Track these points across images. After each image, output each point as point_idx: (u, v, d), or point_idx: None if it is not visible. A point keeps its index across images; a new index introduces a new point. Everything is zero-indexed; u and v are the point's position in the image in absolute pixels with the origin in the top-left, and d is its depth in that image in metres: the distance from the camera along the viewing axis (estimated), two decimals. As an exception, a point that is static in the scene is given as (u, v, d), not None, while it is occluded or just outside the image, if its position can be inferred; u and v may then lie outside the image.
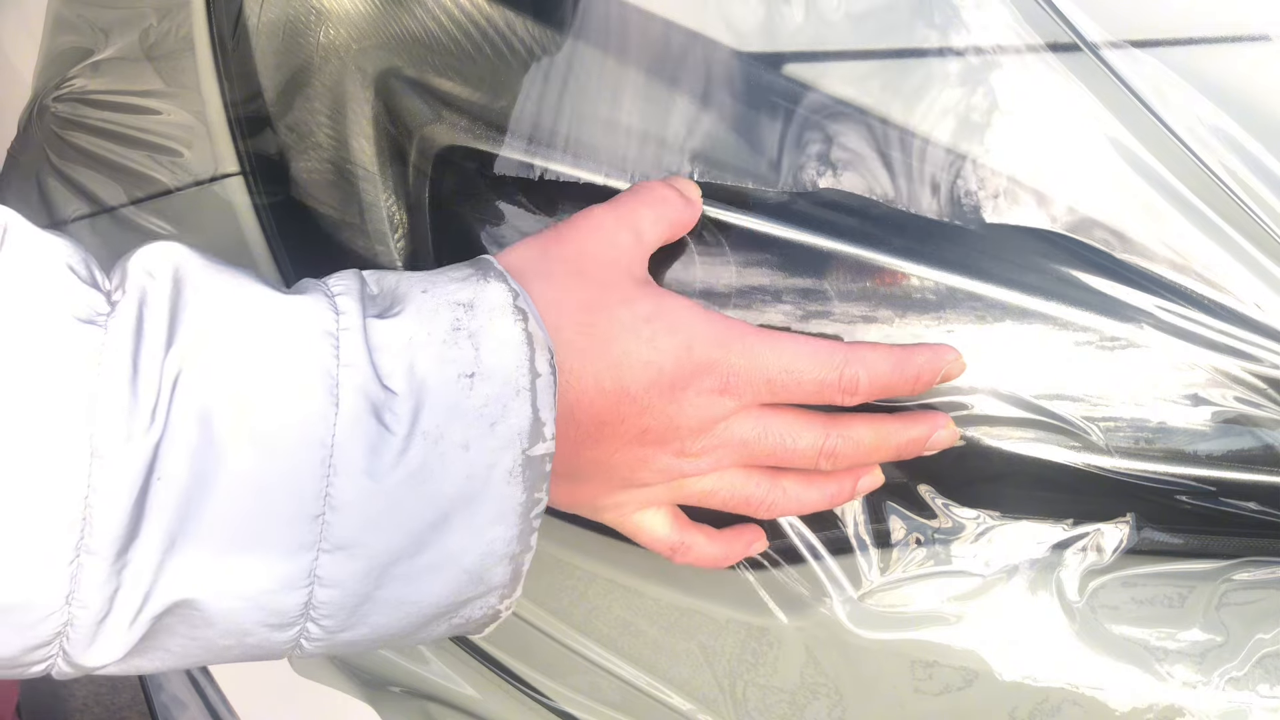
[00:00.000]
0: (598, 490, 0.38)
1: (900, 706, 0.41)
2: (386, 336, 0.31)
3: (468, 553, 0.32)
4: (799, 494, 0.39)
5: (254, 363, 0.29)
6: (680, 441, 0.37)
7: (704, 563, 0.41)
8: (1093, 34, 0.36)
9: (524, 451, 0.32)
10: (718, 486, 0.39)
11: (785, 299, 0.39)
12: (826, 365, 0.36)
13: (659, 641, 0.44)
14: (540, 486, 0.33)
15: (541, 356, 0.32)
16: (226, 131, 0.50)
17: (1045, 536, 0.39)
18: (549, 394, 0.32)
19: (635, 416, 0.36)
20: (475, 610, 0.34)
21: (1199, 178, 0.36)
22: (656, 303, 0.36)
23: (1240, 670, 0.38)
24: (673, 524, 0.40)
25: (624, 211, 0.38)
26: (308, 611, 0.30)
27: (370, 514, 0.30)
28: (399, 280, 0.34)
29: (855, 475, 0.39)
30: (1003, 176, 0.37)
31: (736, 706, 0.43)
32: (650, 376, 0.35)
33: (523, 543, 0.33)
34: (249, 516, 0.29)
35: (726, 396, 0.36)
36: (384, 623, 0.32)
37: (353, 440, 0.30)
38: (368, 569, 0.31)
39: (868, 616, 0.41)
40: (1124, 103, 0.36)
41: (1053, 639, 0.39)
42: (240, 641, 0.31)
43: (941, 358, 0.37)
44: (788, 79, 0.39)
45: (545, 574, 0.45)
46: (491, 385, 0.32)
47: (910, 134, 0.38)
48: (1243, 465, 0.37)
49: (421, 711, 0.49)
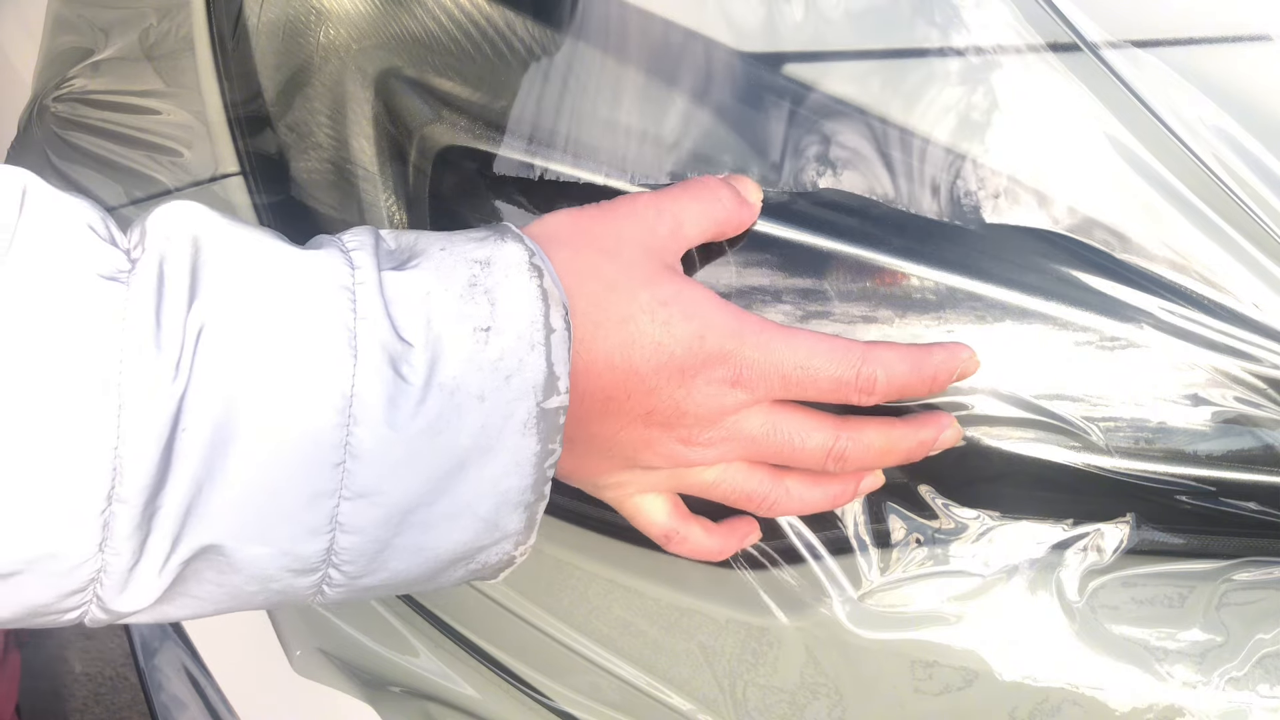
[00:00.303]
0: (601, 466, 0.39)
1: (900, 706, 0.41)
2: (403, 288, 0.32)
3: (484, 501, 0.33)
4: (802, 494, 0.39)
5: (274, 317, 0.30)
6: (686, 429, 0.37)
7: (698, 554, 0.41)
8: (1093, 34, 0.36)
9: (539, 404, 0.33)
10: (720, 479, 0.39)
11: (785, 299, 0.39)
12: (843, 363, 0.36)
13: (659, 641, 0.44)
14: (554, 438, 0.33)
15: (556, 312, 0.33)
16: (226, 131, 0.50)
17: (1045, 536, 0.39)
18: (564, 349, 0.33)
19: (642, 396, 0.36)
20: (491, 556, 0.35)
21: (1199, 178, 0.36)
22: (677, 289, 0.36)
23: (1240, 670, 0.38)
24: (671, 511, 0.40)
25: (667, 202, 0.38)
26: (329, 557, 0.31)
27: (390, 462, 0.31)
28: (417, 237, 0.35)
29: (858, 477, 0.39)
30: (1002, 176, 0.37)
31: (736, 706, 0.43)
32: (660, 359, 0.35)
33: (537, 491, 0.34)
34: (272, 465, 0.30)
35: (739, 389, 0.36)
36: (403, 568, 0.33)
37: (371, 391, 0.30)
38: (387, 516, 0.31)
39: (868, 616, 0.41)
40: (1124, 103, 0.36)
41: (1053, 639, 0.39)
42: (265, 587, 0.32)
43: (957, 357, 0.37)
44: (788, 79, 0.39)
45: (545, 574, 0.45)
46: (506, 339, 0.32)
47: (910, 134, 0.38)
48: (1243, 465, 0.37)
49: (421, 711, 0.49)
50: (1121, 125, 0.37)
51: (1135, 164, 0.37)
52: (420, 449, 0.31)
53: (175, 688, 0.65)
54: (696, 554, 0.41)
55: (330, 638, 0.51)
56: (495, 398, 0.32)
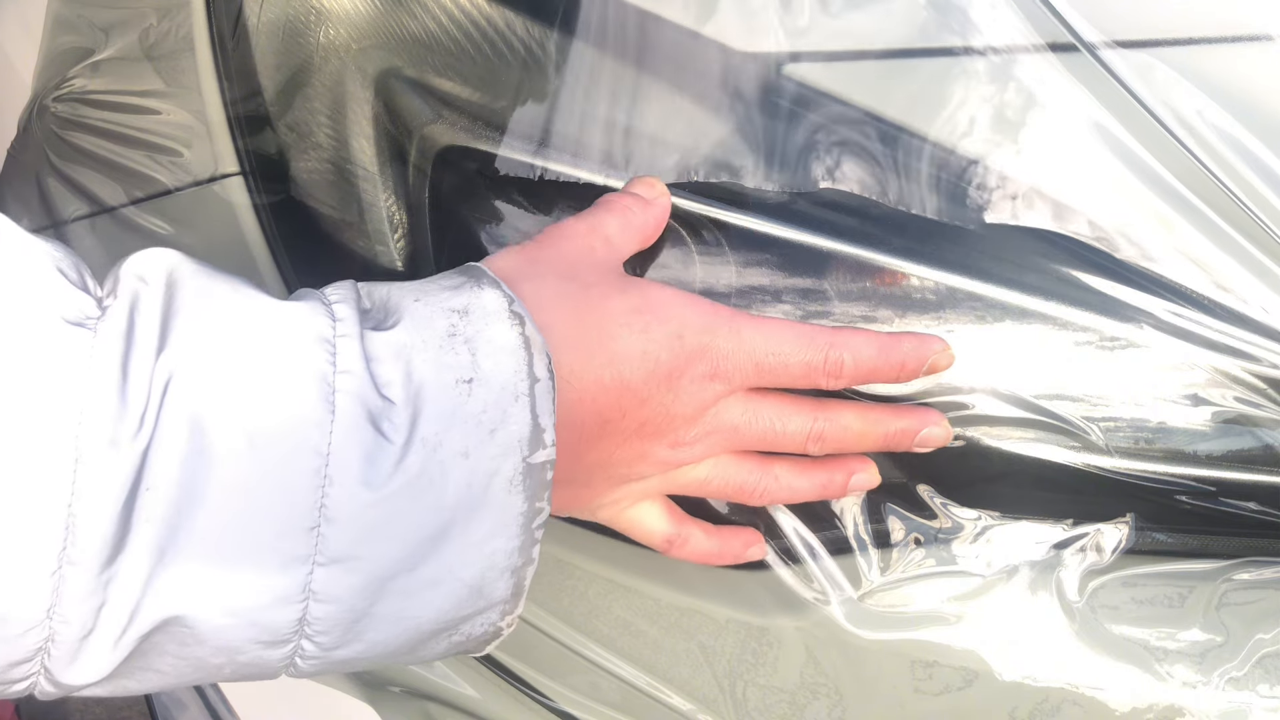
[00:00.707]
0: (597, 491, 0.38)
1: (900, 706, 0.41)
2: (382, 347, 0.31)
3: (468, 566, 0.31)
4: (791, 481, 0.39)
5: (248, 368, 0.29)
6: (675, 432, 0.37)
7: (699, 557, 0.40)
8: (1092, 34, 0.36)
9: (524, 459, 0.31)
10: (711, 474, 0.39)
11: (785, 299, 0.39)
12: (812, 348, 0.37)
13: (659, 641, 0.44)
14: (542, 495, 0.32)
15: (540, 361, 0.32)
16: (226, 131, 0.50)
17: (1045, 536, 0.39)
18: (548, 400, 0.32)
19: (636, 409, 0.36)
20: (476, 627, 0.33)
21: (1199, 178, 0.36)
22: (643, 293, 0.36)
23: (1240, 670, 0.38)
24: (668, 517, 0.40)
25: (593, 221, 0.38)
26: (302, 628, 0.30)
27: (367, 525, 0.29)
28: (389, 291, 0.34)
29: (848, 469, 0.39)
30: (1003, 176, 0.37)
31: (736, 706, 0.43)
32: (649, 368, 0.35)
33: (524, 555, 0.32)
34: (241, 528, 0.28)
35: (716, 381, 0.37)
36: (381, 639, 0.31)
37: (349, 448, 0.29)
38: (365, 583, 0.30)
39: (868, 616, 0.41)
40: (1124, 103, 0.36)
41: (1053, 639, 0.39)
42: (232, 660, 0.30)
43: (928, 347, 0.37)
44: (788, 79, 0.39)
45: (545, 574, 0.45)
46: (490, 391, 0.31)
47: (910, 134, 0.38)
48: (1243, 465, 0.37)
49: (421, 711, 0.49)
50: (1121, 125, 0.37)
51: (1135, 164, 0.37)
52: (401, 510, 0.29)
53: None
54: (697, 557, 0.41)
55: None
56: (480, 453, 0.31)
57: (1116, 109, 0.37)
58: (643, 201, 0.39)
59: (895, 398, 0.39)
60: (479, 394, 0.31)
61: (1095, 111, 0.37)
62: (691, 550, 0.40)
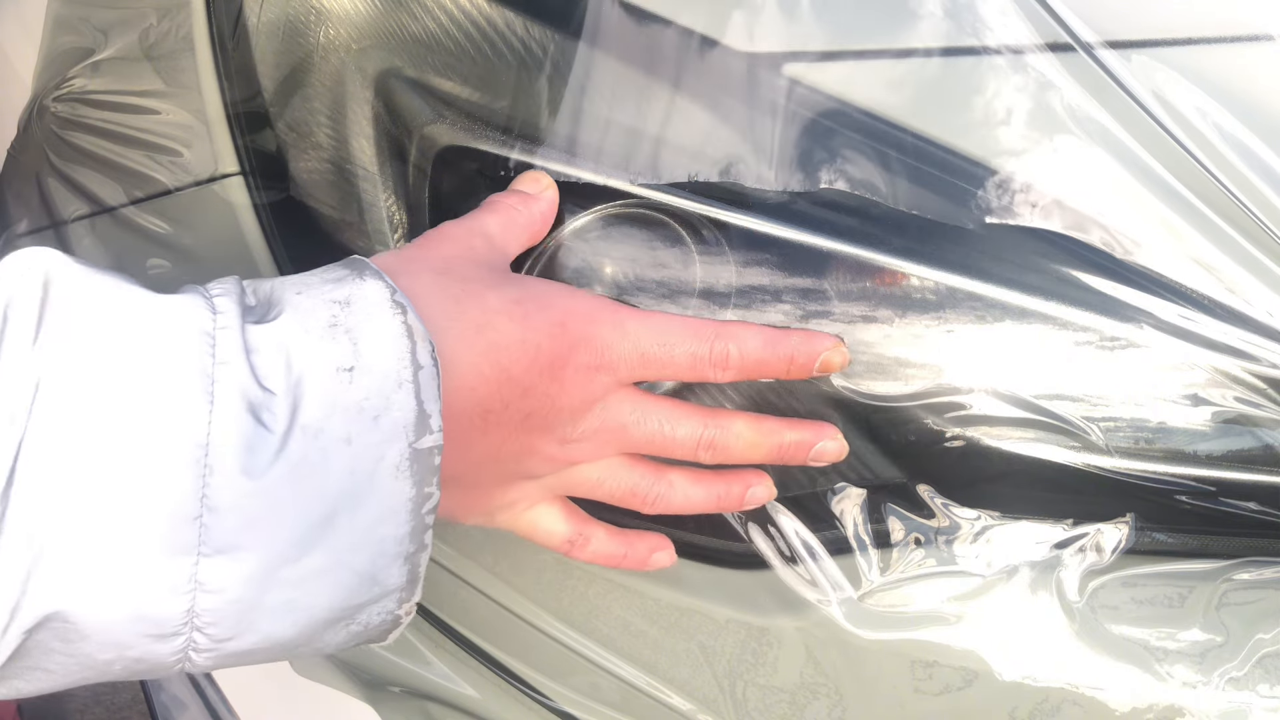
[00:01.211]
0: (490, 492, 0.38)
1: (900, 706, 0.41)
2: (263, 338, 0.31)
3: (358, 553, 0.31)
4: (686, 490, 0.39)
5: (125, 362, 0.28)
6: (563, 426, 0.37)
7: (602, 559, 0.40)
8: (1090, 34, 0.36)
9: (410, 445, 0.31)
10: (604, 476, 0.39)
11: (785, 299, 0.39)
12: (698, 339, 0.37)
13: (659, 641, 0.44)
14: (430, 480, 0.32)
15: (423, 349, 0.32)
16: (226, 131, 0.50)
17: (1045, 536, 0.39)
18: (433, 385, 0.32)
19: (518, 400, 0.35)
20: (373, 615, 0.33)
21: (1199, 178, 0.36)
22: (522, 286, 0.37)
23: (1240, 670, 0.38)
24: (567, 519, 0.40)
25: (472, 223, 0.39)
26: (191, 620, 0.29)
27: (250, 514, 0.29)
28: (273, 286, 0.33)
29: (745, 481, 0.40)
30: (1003, 176, 0.37)
31: (736, 706, 0.43)
32: (530, 356, 0.35)
33: (416, 541, 0.32)
34: (122, 521, 0.28)
35: (601, 372, 0.37)
36: (275, 630, 0.31)
37: (228, 438, 0.29)
38: (251, 573, 0.29)
39: (868, 616, 0.41)
40: (1124, 103, 0.36)
41: (1053, 639, 0.39)
42: (121, 655, 0.29)
43: (817, 343, 0.37)
44: (788, 79, 0.39)
45: (545, 574, 0.45)
46: (372, 378, 0.31)
47: (910, 133, 0.38)
48: (1243, 465, 0.37)
49: (421, 711, 0.49)
50: (1122, 126, 0.37)
51: (1135, 164, 0.37)
52: (284, 498, 0.29)
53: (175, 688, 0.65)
54: (600, 559, 0.40)
55: (330, 638, 0.51)
56: (363, 440, 0.30)
57: (1117, 109, 0.37)
58: (526, 198, 0.39)
59: (896, 397, 0.39)
60: (361, 381, 0.31)
61: (1095, 112, 0.37)
62: (594, 552, 0.40)
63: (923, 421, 0.39)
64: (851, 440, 0.40)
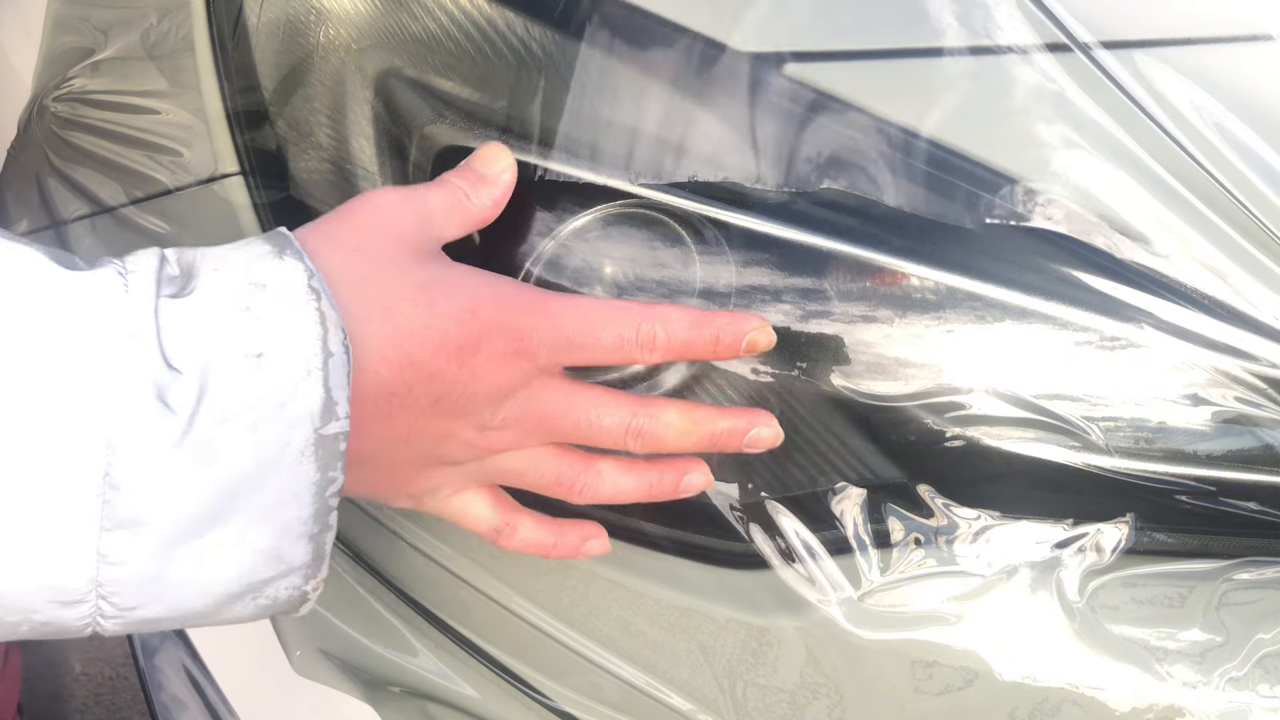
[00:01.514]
0: (406, 473, 0.38)
1: (900, 706, 0.41)
2: (175, 316, 0.31)
3: (260, 532, 0.32)
4: (615, 479, 0.39)
5: (31, 336, 0.29)
6: (479, 412, 0.36)
7: (532, 548, 0.40)
8: (1089, 34, 0.36)
9: (316, 431, 0.32)
10: (526, 466, 0.38)
11: (785, 299, 0.39)
12: (624, 322, 0.36)
13: (659, 641, 0.44)
14: (335, 465, 0.32)
15: (335, 336, 0.32)
16: (226, 131, 0.50)
17: (1045, 536, 0.39)
18: (342, 373, 0.32)
19: (424, 384, 0.35)
20: (280, 590, 0.33)
21: (1199, 178, 0.36)
22: (435, 270, 0.36)
23: (1240, 670, 0.38)
24: (494, 506, 0.40)
25: (411, 193, 0.38)
26: (96, 589, 0.30)
27: (152, 492, 0.30)
28: (195, 257, 0.33)
29: (680, 469, 0.39)
30: (1003, 176, 0.37)
31: (736, 706, 0.43)
32: (435, 341, 0.35)
33: (320, 521, 0.33)
34: (27, 494, 0.28)
35: (522, 359, 0.36)
36: (180, 600, 0.32)
37: (132, 417, 0.29)
38: (154, 547, 0.30)
39: (868, 616, 0.41)
40: (1125, 103, 0.36)
41: (1053, 639, 0.39)
42: (29, 618, 0.30)
43: (743, 323, 0.37)
44: (788, 79, 0.39)
45: (545, 574, 0.45)
46: (281, 366, 0.31)
47: (910, 133, 0.38)
48: (1243, 465, 0.37)
49: (421, 711, 0.49)
50: (1122, 126, 0.37)
51: (1134, 164, 0.37)
52: (186, 478, 0.30)
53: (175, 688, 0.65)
54: (530, 548, 0.40)
55: (330, 638, 0.51)
56: (268, 426, 0.31)
57: (1117, 109, 0.37)
58: (479, 183, 0.39)
59: (896, 397, 0.39)
60: (270, 369, 0.31)
61: (1095, 112, 0.37)
62: (521, 541, 0.40)
63: (923, 421, 0.39)
64: (851, 440, 0.40)
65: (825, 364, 0.39)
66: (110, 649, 1.14)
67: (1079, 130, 0.37)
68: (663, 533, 0.43)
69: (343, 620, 0.51)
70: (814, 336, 0.39)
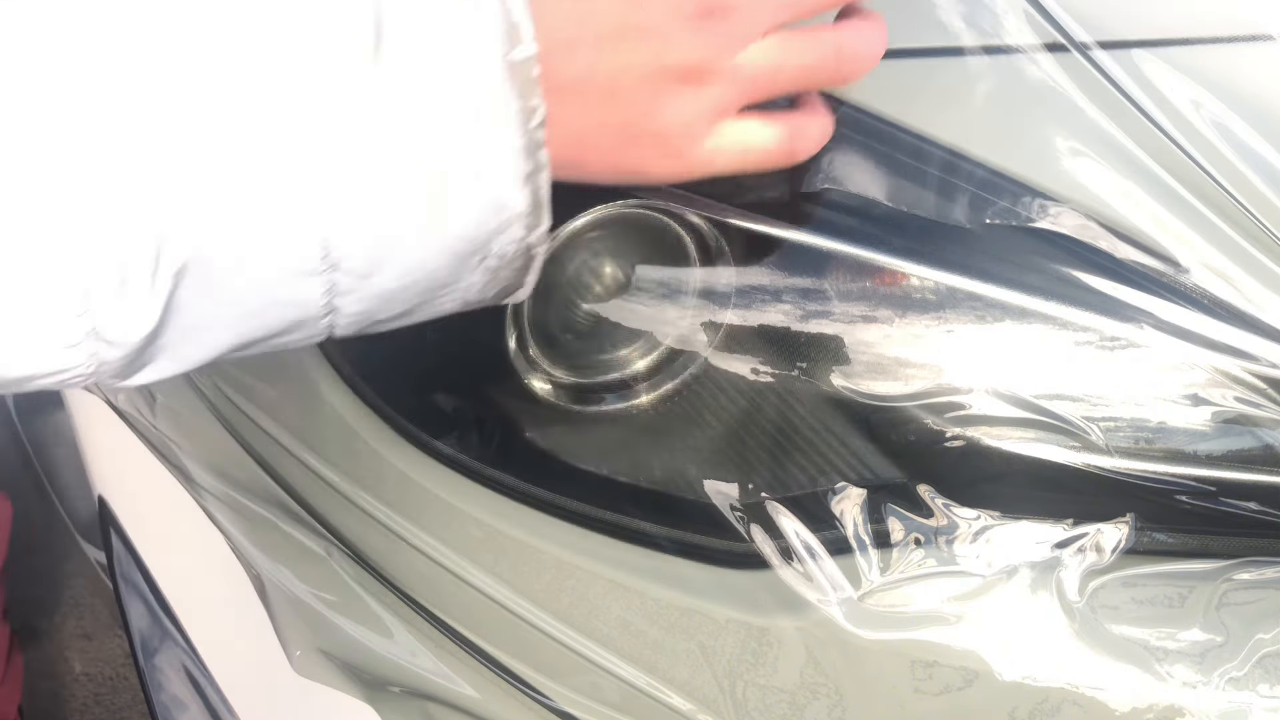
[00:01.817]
0: (639, 101, 0.33)
1: (900, 706, 0.41)
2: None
3: (479, 170, 0.30)
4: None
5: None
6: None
7: (818, 140, 0.36)
8: (1088, 35, 0.37)
9: (504, 57, 0.29)
10: (778, 55, 0.33)
11: (785, 299, 0.39)
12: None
13: (659, 641, 0.44)
14: (533, 93, 0.30)
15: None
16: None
17: (1045, 536, 0.39)
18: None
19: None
20: (506, 245, 0.32)
21: (1199, 178, 0.36)
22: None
23: (1240, 670, 0.38)
24: (766, 120, 0.34)
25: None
26: (328, 254, 0.29)
27: (368, 128, 0.28)
28: None
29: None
30: (1003, 176, 0.37)
31: (736, 706, 0.43)
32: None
33: (531, 158, 0.31)
34: (255, 157, 0.27)
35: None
36: (414, 259, 0.30)
37: (320, 46, 0.28)
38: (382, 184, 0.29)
39: (868, 616, 0.41)
40: (1124, 103, 0.36)
41: (1053, 639, 0.39)
42: (273, 297, 0.29)
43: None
44: (788, 79, 0.38)
45: (545, 574, 0.45)
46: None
47: (911, 134, 0.38)
48: (1243, 465, 0.37)
49: (421, 711, 0.49)
50: (1121, 127, 0.37)
51: (1135, 165, 0.37)
52: (390, 115, 0.28)
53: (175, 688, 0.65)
54: (820, 140, 0.36)
55: (330, 638, 0.51)
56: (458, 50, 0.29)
57: (1116, 109, 0.37)
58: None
59: (896, 397, 0.39)
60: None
61: (1095, 113, 0.37)
62: (815, 138, 0.36)
63: (923, 421, 0.39)
64: (851, 440, 0.40)
65: (825, 364, 0.39)
66: (110, 649, 1.14)
67: (1079, 130, 0.37)
68: (663, 533, 0.43)
69: (343, 620, 0.51)
70: (814, 336, 0.39)
